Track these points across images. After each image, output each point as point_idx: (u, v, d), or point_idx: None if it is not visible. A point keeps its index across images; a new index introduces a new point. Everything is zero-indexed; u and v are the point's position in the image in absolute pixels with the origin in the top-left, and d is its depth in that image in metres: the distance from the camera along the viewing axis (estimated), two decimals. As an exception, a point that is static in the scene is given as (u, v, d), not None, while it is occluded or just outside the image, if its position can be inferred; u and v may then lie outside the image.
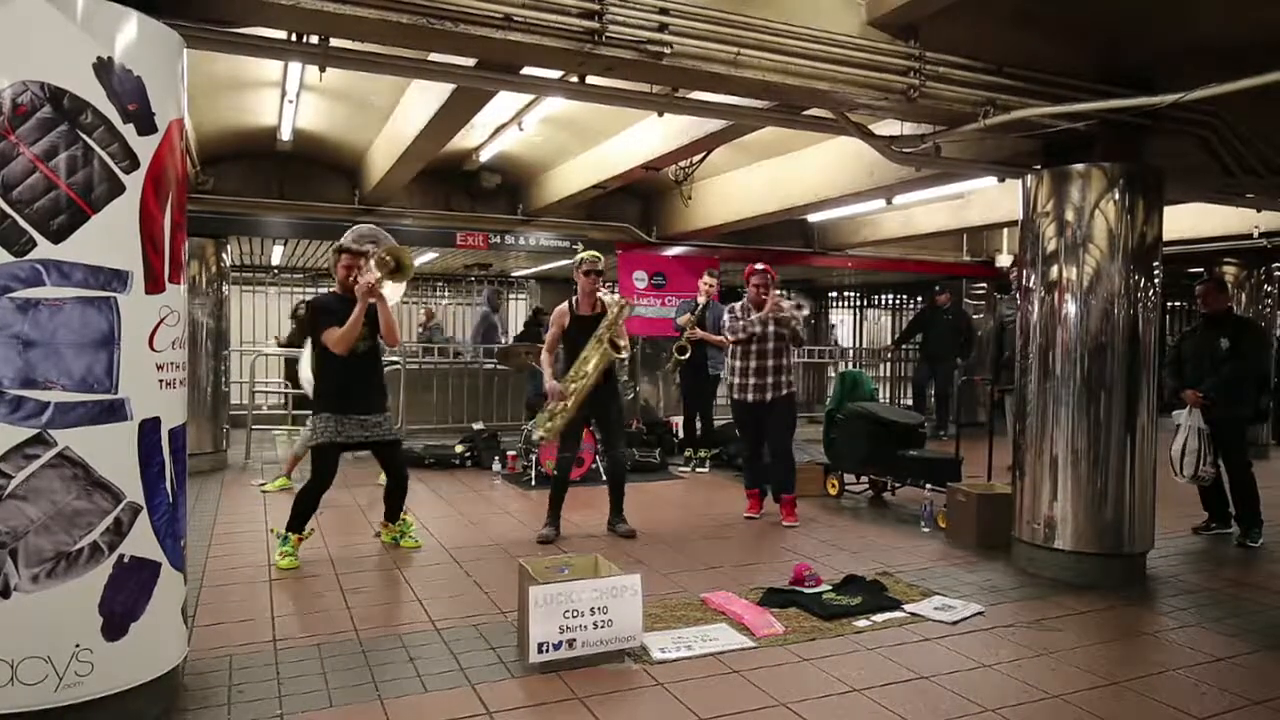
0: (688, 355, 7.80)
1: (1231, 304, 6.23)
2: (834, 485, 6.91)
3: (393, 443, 4.99)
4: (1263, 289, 10.39)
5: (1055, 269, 4.69)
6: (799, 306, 6.08)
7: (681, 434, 8.63)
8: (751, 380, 5.85)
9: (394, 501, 5.14)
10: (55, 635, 2.55)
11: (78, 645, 2.58)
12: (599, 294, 5.49)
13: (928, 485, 6.28)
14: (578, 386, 5.29)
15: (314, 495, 4.73)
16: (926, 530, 5.71)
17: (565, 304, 5.56)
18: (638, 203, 10.03)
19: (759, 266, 5.95)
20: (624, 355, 5.30)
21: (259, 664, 3.33)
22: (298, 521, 4.72)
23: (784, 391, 5.86)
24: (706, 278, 8.09)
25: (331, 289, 4.92)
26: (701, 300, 7.94)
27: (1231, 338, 5.68)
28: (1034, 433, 4.80)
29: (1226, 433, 5.63)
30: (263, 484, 6.96)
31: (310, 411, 5.05)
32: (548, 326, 5.76)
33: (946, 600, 4.21)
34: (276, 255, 11.79)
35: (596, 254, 5.50)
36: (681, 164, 8.17)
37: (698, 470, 7.97)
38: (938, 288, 11.04)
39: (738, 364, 5.93)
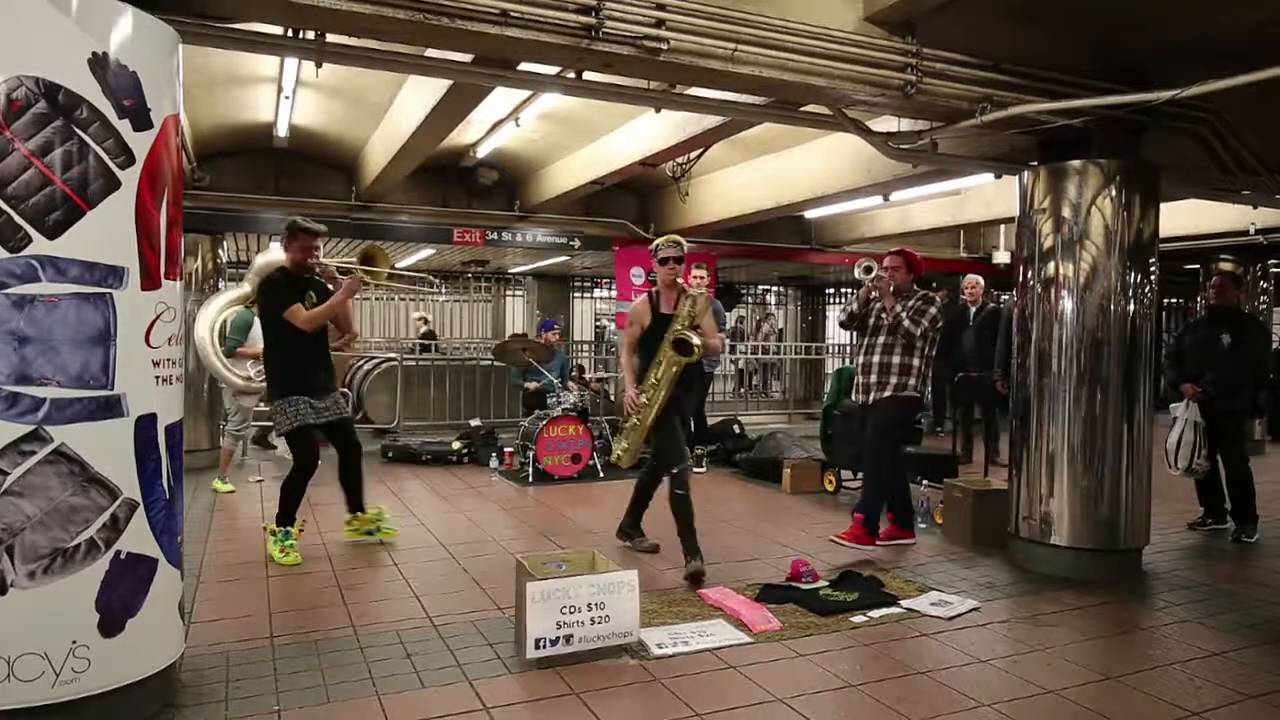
0: None
1: (1239, 299, 6.22)
2: (831, 481, 6.92)
3: (348, 419, 4.99)
4: (1259, 285, 10.42)
5: (1052, 265, 4.70)
6: (921, 309, 4.98)
7: None
8: (859, 378, 5.14)
9: (353, 486, 5.03)
10: (52, 632, 2.55)
11: (74, 641, 2.58)
12: (681, 286, 4.69)
13: (924, 481, 6.29)
14: (650, 399, 4.61)
15: (302, 483, 4.71)
16: (923, 526, 5.72)
17: (644, 298, 4.81)
18: (635, 199, 10.03)
19: (894, 250, 5.16)
20: (695, 357, 4.51)
21: (256, 660, 3.33)
22: (287, 514, 4.71)
23: (886, 393, 4.95)
24: (696, 273, 7.72)
25: (281, 267, 4.73)
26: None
27: (1233, 333, 5.69)
28: (1030, 429, 4.81)
29: (1225, 427, 5.65)
30: (258, 479, 6.96)
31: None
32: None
33: (943, 596, 4.22)
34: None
35: (677, 239, 4.76)
36: (679, 160, 8.17)
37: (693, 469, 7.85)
38: (934, 285, 11.03)
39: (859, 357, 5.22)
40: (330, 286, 4.72)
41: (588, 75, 4.13)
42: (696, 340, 4.47)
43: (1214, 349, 5.70)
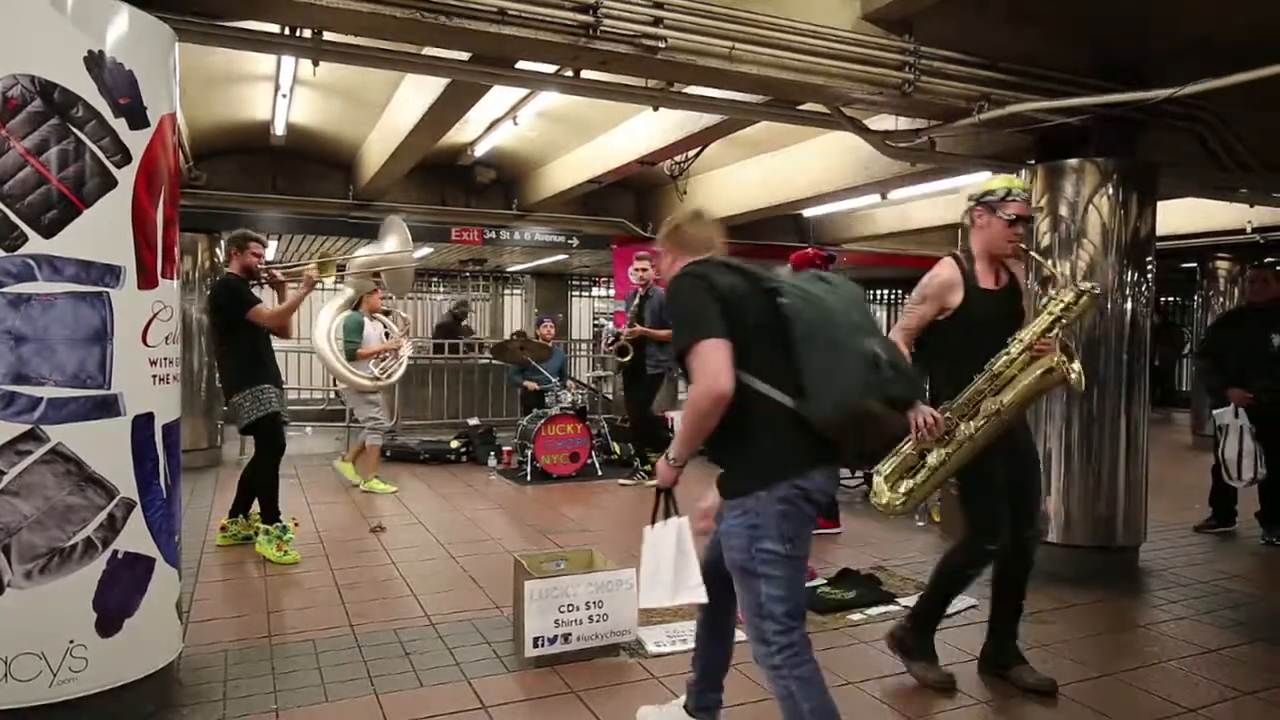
0: (629, 357, 6.94)
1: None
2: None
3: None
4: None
5: (1049, 263, 4.69)
6: None
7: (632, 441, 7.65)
8: None
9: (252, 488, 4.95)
10: (49, 631, 2.55)
11: (72, 641, 2.58)
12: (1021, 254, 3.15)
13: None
14: (982, 426, 2.95)
15: (276, 471, 4.78)
16: (921, 524, 5.73)
17: (949, 265, 3.09)
18: (633, 197, 10.02)
19: (808, 252, 4.97)
20: (1077, 380, 2.98)
21: (254, 659, 3.33)
22: (272, 509, 4.74)
23: None
24: (637, 264, 7.06)
25: (231, 273, 4.87)
26: (640, 290, 7.04)
27: None
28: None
29: (1275, 429, 5.33)
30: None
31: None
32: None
33: (941, 594, 4.21)
34: (270, 251, 11.77)
35: (1025, 185, 3.26)
36: (677, 159, 8.16)
37: (644, 484, 6.79)
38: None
39: None
40: (277, 289, 4.97)
41: (585, 73, 4.13)
42: (1076, 370, 2.98)
43: (1263, 350, 5.36)
